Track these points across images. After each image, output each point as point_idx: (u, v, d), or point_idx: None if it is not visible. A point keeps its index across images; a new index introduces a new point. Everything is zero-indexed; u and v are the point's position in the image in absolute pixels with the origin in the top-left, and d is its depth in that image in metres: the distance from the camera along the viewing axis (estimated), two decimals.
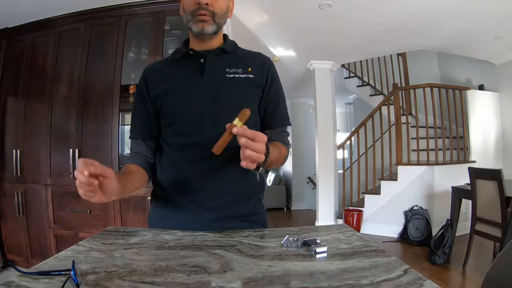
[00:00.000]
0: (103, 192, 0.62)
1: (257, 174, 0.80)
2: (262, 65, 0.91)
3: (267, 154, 0.71)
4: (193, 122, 0.85)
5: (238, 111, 0.65)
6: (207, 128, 0.84)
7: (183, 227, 0.83)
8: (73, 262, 0.49)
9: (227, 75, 0.87)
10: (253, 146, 0.63)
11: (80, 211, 2.24)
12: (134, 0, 2.23)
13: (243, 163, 0.65)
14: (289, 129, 0.98)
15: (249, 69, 0.88)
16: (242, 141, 0.62)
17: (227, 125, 0.64)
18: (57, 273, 0.52)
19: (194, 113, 0.85)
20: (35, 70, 2.45)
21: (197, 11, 0.82)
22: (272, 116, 0.92)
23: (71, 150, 2.28)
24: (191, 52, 0.88)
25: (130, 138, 0.95)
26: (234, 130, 0.63)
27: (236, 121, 0.64)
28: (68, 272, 0.48)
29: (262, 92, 0.90)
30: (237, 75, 0.87)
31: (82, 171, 0.57)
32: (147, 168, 0.90)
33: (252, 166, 0.66)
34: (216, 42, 0.90)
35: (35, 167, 2.40)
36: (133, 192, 0.81)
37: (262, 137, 0.65)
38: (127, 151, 2.36)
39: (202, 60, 0.87)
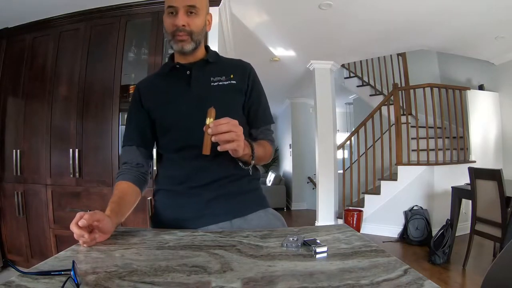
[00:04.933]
0: (102, 232, 0.72)
1: (250, 169, 0.91)
2: (243, 71, 1.00)
3: (252, 151, 0.84)
4: (185, 128, 0.92)
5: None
6: (198, 131, 0.89)
7: (185, 215, 0.90)
8: (73, 262, 0.49)
9: (212, 84, 0.95)
10: (219, 129, 0.72)
11: (80, 211, 2.24)
12: (134, 0, 2.23)
13: (226, 146, 0.74)
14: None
15: (231, 76, 0.97)
16: (209, 131, 0.72)
17: (204, 128, 0.74)
18: (57, 273, 0.52)
19: (186, 120, 0.93)
20: (35, 70, 2.45)
21: (175, 32, 0.90)
22: (255, 116, 1.01)
23: (71, 150, 2.28)
24: (177, 66, 0.96)
25: (123, 146, 1.00)
26: (209, 130, 0.72)
27: (208, 120, 0.73)
28: (68, 272, 0.48)
29: (245, 95, 0.99)
30: (221, 83, 0.95)
31: (75, 229, 0.67)
32: (138, 182, 0.96)
33: (234, 147, 0.75)
34: (200, 54, 0.99)
35: (35, 167, 2.40)
36: (130, 211, 0.91)
37: (227, 119, 0.74)
38: None
39: (188, 72, 0.96)
